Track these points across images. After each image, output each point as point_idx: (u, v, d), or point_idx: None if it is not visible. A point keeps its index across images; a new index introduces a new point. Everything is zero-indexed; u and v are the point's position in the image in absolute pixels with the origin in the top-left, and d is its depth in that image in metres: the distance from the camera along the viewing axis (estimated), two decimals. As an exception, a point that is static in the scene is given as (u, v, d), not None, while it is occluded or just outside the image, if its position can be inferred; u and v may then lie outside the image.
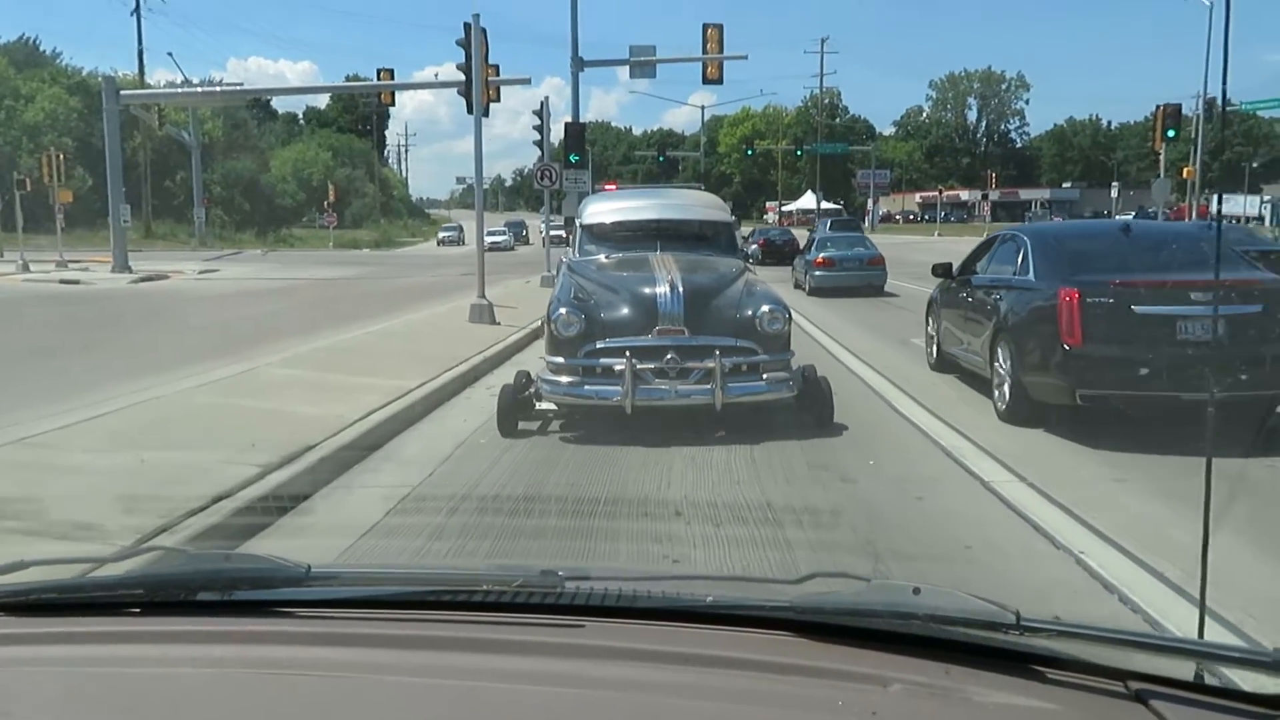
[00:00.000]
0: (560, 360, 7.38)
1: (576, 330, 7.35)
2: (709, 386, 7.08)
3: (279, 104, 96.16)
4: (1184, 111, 33.15)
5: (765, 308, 7.47)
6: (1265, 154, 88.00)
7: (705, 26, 27.23)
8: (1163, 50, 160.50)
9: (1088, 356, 6.91)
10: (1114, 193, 45.99)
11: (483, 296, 14.45)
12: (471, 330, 13.49)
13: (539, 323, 11.96)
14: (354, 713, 1.14)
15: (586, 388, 7.31)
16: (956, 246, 26.91)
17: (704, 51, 27.40)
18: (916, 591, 1.29)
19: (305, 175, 71.61)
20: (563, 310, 7.45)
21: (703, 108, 77.40)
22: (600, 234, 9.10)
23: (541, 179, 21.94)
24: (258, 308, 20.03)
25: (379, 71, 32.26)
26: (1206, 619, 1.67)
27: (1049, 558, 4.57)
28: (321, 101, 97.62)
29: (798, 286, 22.00)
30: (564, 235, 33.26)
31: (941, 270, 10.11)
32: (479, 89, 14.70)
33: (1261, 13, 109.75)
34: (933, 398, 8.63)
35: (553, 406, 7.63)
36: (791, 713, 1.13)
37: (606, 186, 26.09)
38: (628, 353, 7.10)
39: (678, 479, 6.03)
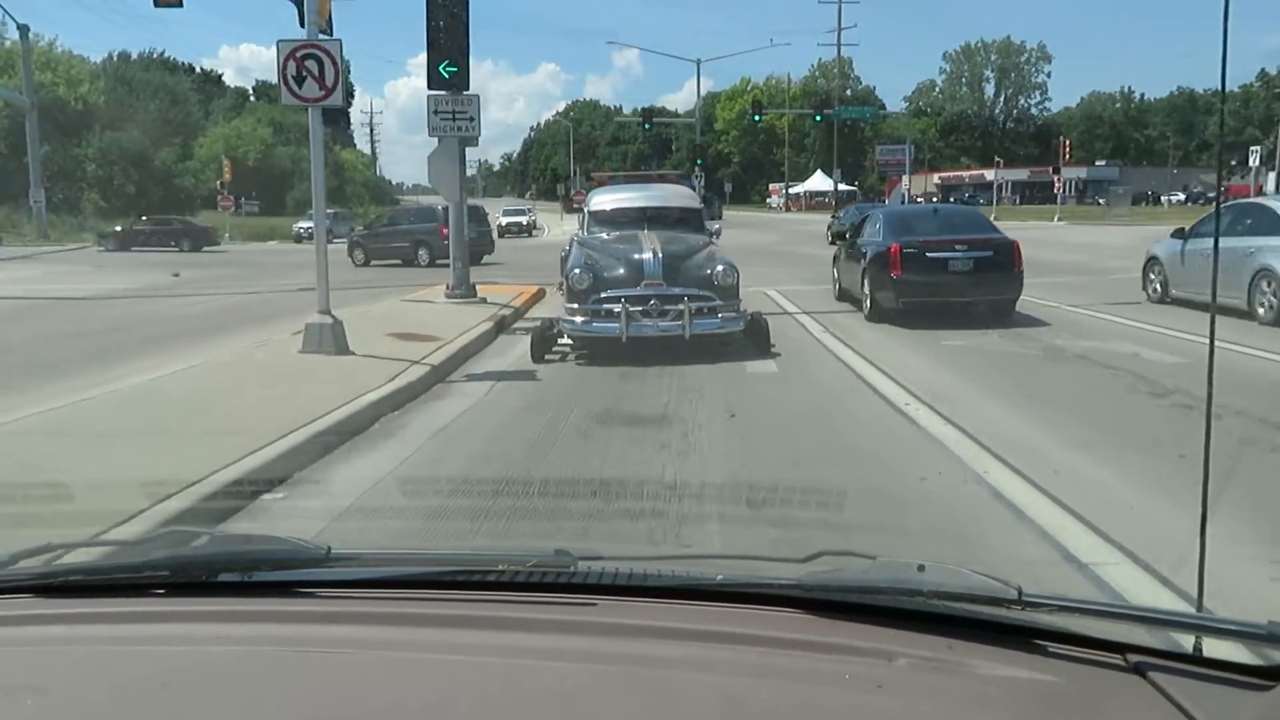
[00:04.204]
0: (575, 306, 10.24)
1: (587, 285, 10.21)
2: (680, 323, 9.96)
3: (231, 79, 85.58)
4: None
5: (720, 267, 10.48)
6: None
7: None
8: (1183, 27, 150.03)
9: (904, 281, 12.53)
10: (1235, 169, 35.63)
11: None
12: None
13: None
14: (375, 687, 1.14)
15: (594, 325, 10.16)
16: (1069, 237, 34.27)
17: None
18: (921, 569, 1.30)
19: (240, 154, 60.77)
20: (577, 270, 10.40)
21: (698, 61, 64.64)
22: (603, 218, 12.10)
23: (298, 77, 9.65)
24: None
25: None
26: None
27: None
28: (273, 74, 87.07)
29: None
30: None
31: (837, 236, 17.52)
32: None
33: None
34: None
35: (570, 342, 10.43)
36: (799, 686, 1.13)
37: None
38: (623, 300, 9.98)
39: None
